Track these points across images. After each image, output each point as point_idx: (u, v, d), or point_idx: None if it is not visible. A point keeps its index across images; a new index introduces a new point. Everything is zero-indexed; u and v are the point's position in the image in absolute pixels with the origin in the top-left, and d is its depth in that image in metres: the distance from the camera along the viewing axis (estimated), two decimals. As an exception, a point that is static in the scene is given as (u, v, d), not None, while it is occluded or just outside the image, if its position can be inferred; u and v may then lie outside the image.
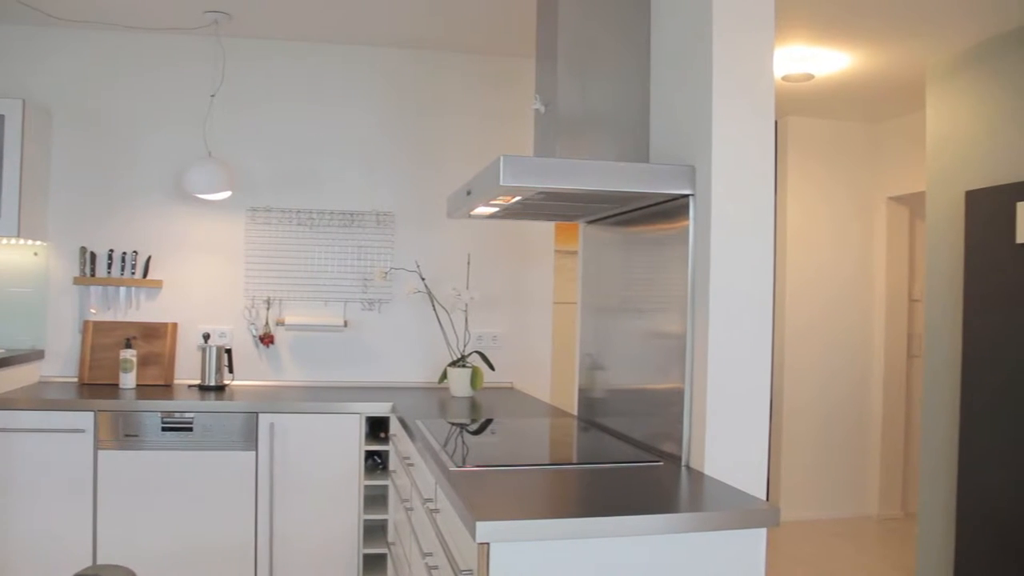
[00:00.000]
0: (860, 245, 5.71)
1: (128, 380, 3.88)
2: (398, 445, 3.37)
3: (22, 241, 3.94)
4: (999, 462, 3.55)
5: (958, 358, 3.87)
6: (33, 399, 3.51)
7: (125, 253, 4.09)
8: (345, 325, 4.25)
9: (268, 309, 4.21)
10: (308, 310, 4.25)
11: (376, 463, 3.84)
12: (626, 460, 2.43)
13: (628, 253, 2.90)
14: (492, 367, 4.10)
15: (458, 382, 3.95)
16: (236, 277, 4.20)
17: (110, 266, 4.07)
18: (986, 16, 3.61)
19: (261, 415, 3.57)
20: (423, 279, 4.16)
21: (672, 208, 2.50)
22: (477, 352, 4.12)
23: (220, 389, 3.96)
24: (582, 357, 3.36)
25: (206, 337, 4.06)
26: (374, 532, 3.76)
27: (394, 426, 3.55)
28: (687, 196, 2.39)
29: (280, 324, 4.20)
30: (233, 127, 4.19)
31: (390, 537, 3.59)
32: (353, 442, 3.63)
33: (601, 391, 3.13)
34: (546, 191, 2.34)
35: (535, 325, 4.49)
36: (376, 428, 3.80)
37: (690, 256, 2.39)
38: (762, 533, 1.91)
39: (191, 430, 3.53)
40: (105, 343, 4.02)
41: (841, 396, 5.66)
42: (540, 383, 4.46)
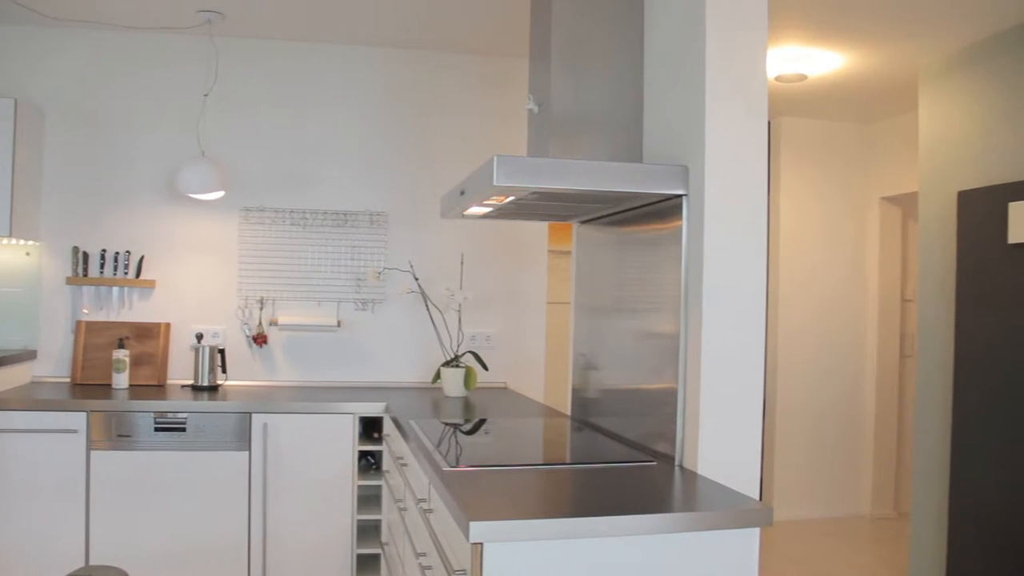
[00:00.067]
0: (853, 245, 5.73)
1: (121, 380, 3.87)
2: (392, 445, 3.37)
3: (14, 241, 3.92)
4: (991, 462, 3.56)
5: (951, 358, 3.88)
6: (25, 399, 3.50)
7: (118, 253, 4.08)
8: (338, 325, 4.24)
9: (261, 309, 4.20)
10: (301, 310, 4.24)
11: (370, 463, 3.84)
12: (619, 460, 2.43)
13: (621, 253, 2.90)
14: (486, 367, 4.10)
15: (452, 382, 3.94)
16: (229, 277, 4.19)
17: (103, 266, 4.06)
18: (979, 17, 3.63)
19: (254, 415, 3.56)
20: (416, 279, 4.16)
21: (665, 208, 2.50)
22: (471, 352, 4.12)
23: (213, 389, 3.95)
24: (575, 357, 3.36)
25: (199, 337, 4.05)
26: (368, 532, 3.76)
27: (387, 426, 3.55)
28: (680, 196, 2.40)
29: (273, 324, 4.19)
30: (226, 127, 4.18)
31: (384, 537, 3.58)
32: (347, 442, 3.63)
33: (594, 391, 3.13)
34: (539, 191, 2.35)
35: (529, 325, 4.49)
36: (370, 428, 3.80)
37: (683, 256, 2.39)
38: (755, 533, 1.91)
39: (184, 430, 3.52)
40: (98, 343, 4.01)
41: (834, 396, 5.68)
42: (534, 383, 4.46)
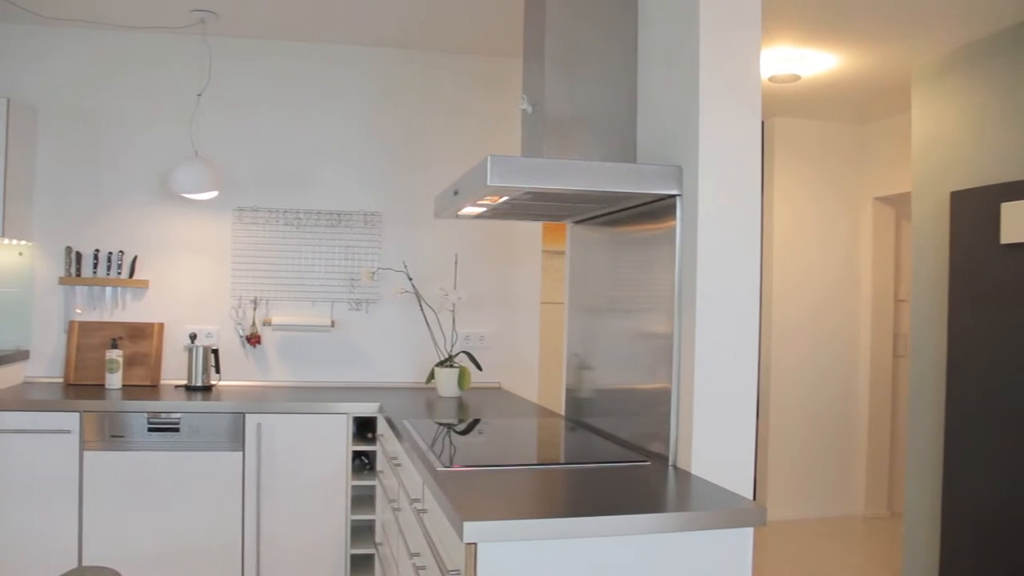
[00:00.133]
0: (846, 245, 5.74)
1: (114, 380, 3.86)
2: (385, 445, 3.36)
3: (7, 241, 3.90)
4: (985, 461, 3.57)
5: (944, 358, 3.89)
6: (18, 400, 3.49)
7: (111, 253, 4.07)
8: (332, 325, 4.24)
9: (255, 309, 4.19)
10: (295, 310, 4.23)
11: (363, 463, 3.84)
12: (613, 460, 2.43)
13: (615, 253, 2.90)
14: (480, 367, 4.10)
15: (445, 382, 3.94)
16: (223, 277, 4.18)
17: (96, 266, 4.05)
18: (972, 18, 3.64)
19: (248, 415, 3.56)
20: (410, 279, 4.16)
21: (659, 208, 2.50)
22: (465, 352, 4.12)
23: (207, 389, 3.94)
24: (569, 357, 3.36)
25: (193, 337, 4.04)
26: (362, 532, 3.76)
27: (381, 426, 3.55)
28: (674, 196, 2.40)
29: (267, 324, 4.18)
30: (220, 127, 4.18)
31: (378, 537, 3.58)
32: (340, 442, 3.62)
33: (588, 391, 3.13)
34: (533, 191, 2.35)
35: (523, 325, 4.49)
36: (363, 428, 3.79)
37: (677, 256, 2.39)
38: (749, 532, 1.91)
39: (177, 431, 3.51)
40: (91, 343, 4.00)
41: (827, 396, 5.69)
42: (528, 383, 4.46)
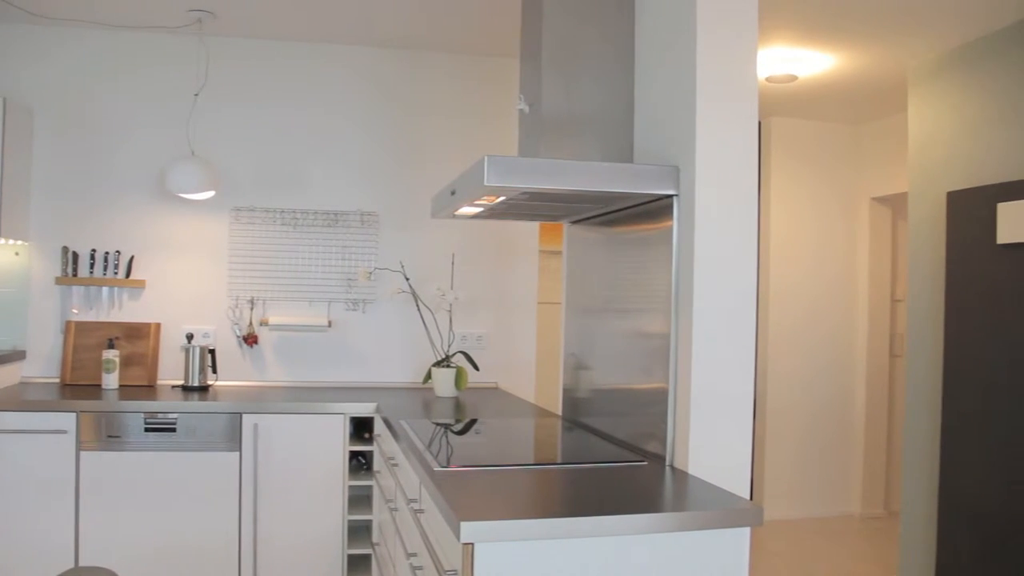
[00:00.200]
0: (843, 245, 5.75)
1: (111, 381, 3.86)
2: (382, 445, 3.36)
3: (3, 241, 3.89)
4: (981, 460, 3.57)
5: (940, 358, 3.89)
6: (14, 400, 3.48)
7: (108, 253, 4.06)
8: (329, 325, 4.23)
9: (252, 309, 4.19)
10: (292, 310, 4.23)
11: (360, 463, 3.84)
12: (610, 460, 2.43)
13: (612, 253, 2.90)
14: (476, 367, 4.09)
15: (442, 382, 3.94)
16: (220, 277, 4.18)
17: (92, 266, 4.04)
18: (968, 19, 3.64)
19: (245, 415, 3.56)
20: (407, 279, 4.16)
21: (656, 208, 2.51)
22: (461, 352, 4.11)
23: (204, 389, 3.94)
24: (566, 357, 3.36)
25: (189, 337, 4.03)
26: (358, 532, 3.76)
27: (378, 426, 3.54)
28: (671, 196, 2.40)
29: (264, 324, 4.18)
30: (217, 126, 4.17)
31: (374, 537, 3.58)
32: (337, 442, 3.62)
33: (585, 391, 3.13)
34: (530, 191, 2.35)
35: (519, 325, 4.49)
36: (360, 428, 3.79)
37: (674, 256, 2.39)
38: (746, 532, 1.91)
39: (174, 431, 3.51)
40: (87, 343, 4.00)
41: (824, 396, 5.69)
42: (524, 383, 4.46)
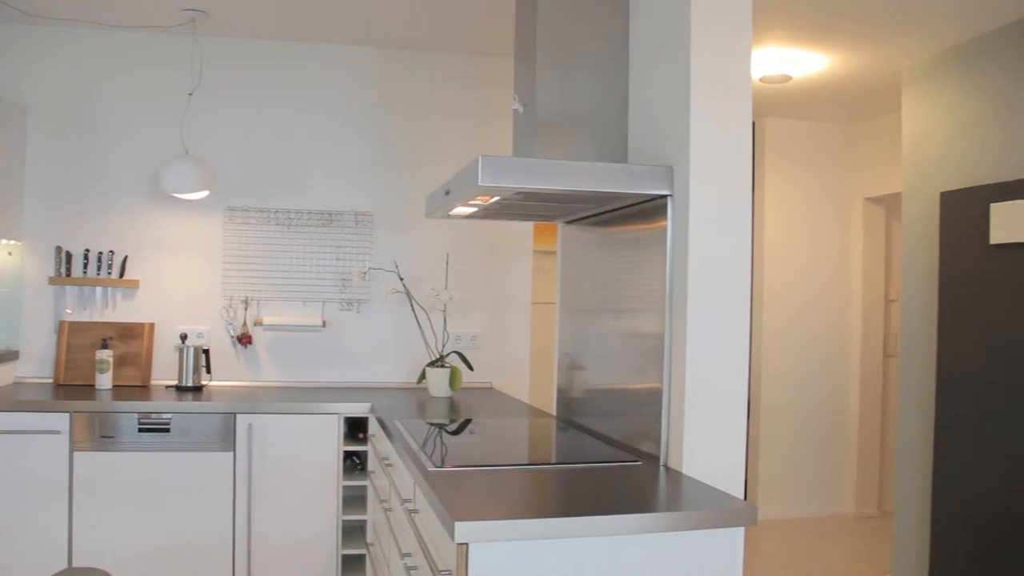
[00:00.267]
0: (837, 245, 5.76)
1: (104, 381, 3.85)
2: (377, 445, 3.36)
3: (-4, 240, 3.90)
4: (975, 460, 3.58)
5: (934, 358, 3.90)
6: (7, 400, 3.47)
7: (101, 253, 4.05)
8: (323, 325, 4.23)
9: (246, 309, 4.18)
10: (286, 310, 4.23)
11: (355, 463, 3.83)
12: (604, 460, 2.43)
13: (606, 253, 2.90)
14: (471, 367, 4.09)
15: (437, 382, 3.94)
16: (214, 277, 4.17)
17: (86, 266, 4.03)
18: (962, 19, 3.65)
19: (239, 416, 3.55)
20: (402, 279, 4.15)
21: (650, 208, 2.51)
22: (456, 352, 4.11)
23: (197, 390, 3.93)
24: (561, 357, 3.36)
25: (183, 337, 4.03)
26: (353, 533, 3.75)
27: (373, 426, 3.54)
28: (665, 196, 2.40)
29: (258, 324, 4.17)
30: (211, 126, 4.16)
31: (369, 538, 3.58)
32: (332, 442, 3.62)
33: (580, 391, 3.13)
34: (524, 191, 2.35)
35: (514, 325, 4.49)
36: (355, 428, 3.79)
37: (668, 256, 2.40)
38: (740, 532, 1.92)
39: (168, 431, 3.50)
40: (81, 343, 3.98)
41: (818, 395, 5.70)
42: (519, 383, 4.46)
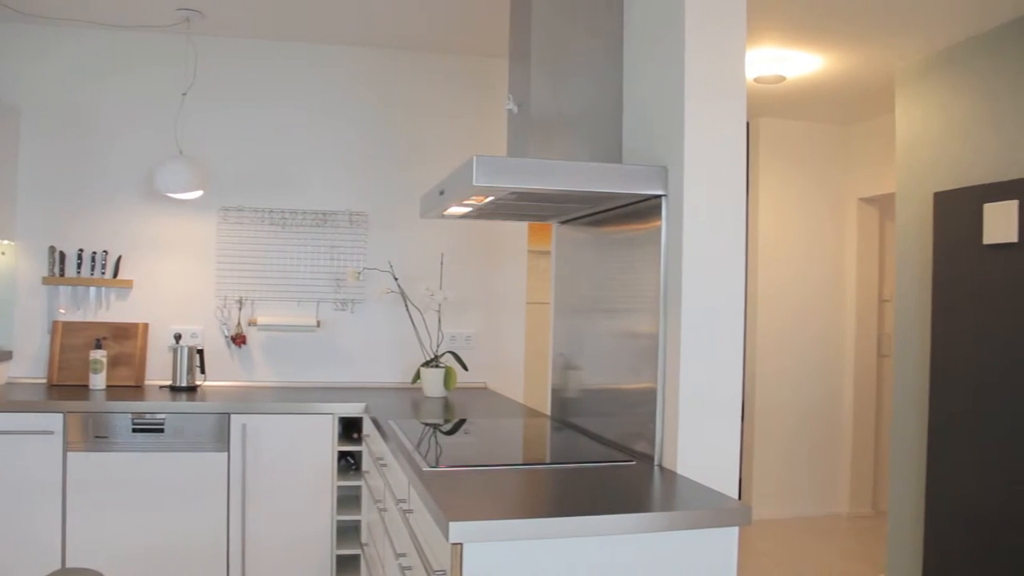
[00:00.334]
0: (831, 246, 5.77)
1: (98, 381, 3.84)
2: (371, 445, 3.36)
3: (-11, 240, 3.88)
4: (968, 460, 3.59)
5: (927, 358, 3.91)
6: (0, 401, 3.46)
7: (95, 253, 4.04)
8: (318, 325, 4.22)
9: (240, 309, 4.18)
10: (280, 310, 4.22)
11: (349, 464, 3.83)
12: (599, 460, 2.44)
13: (601, 253, 2.91)
14: (465, 367, 4.09)
15: (431, 382, 3.94)
16: (208, 277, 4.16)
17: (80, 266, 4.02)
18: (956, 20, 3.66)
19: (233, 416, 3.54)
20: (396, 279, 4.15)
21: (645, 208, 2.51)
22: (450, 352, 4.11)
23: (192, 390, 3.92)
24: (555, 357, 3.36)
25: (177, 337, 4.02)
26: (347, 533, 3.75)
27: (367, 426, 3.54)
28: (659, 197, 2.41)
29: (252, 324, 4.17)
30: (205, 126, 4.16)
31: (363, 538, 3.57)
32: (326, 443, 3.61)
33: (574, 391, 3.13)
34: (519, 191, 2.35)
35: (508, 325, 4.50)
36: (349, 429, 3.78)
37: (662, 256, 2.40)
38: (734, 532, 1.92)
39: (162, 431, 3.49)
40: (74, 344, 3.97)
41: (812, 395, 5.71)
42: (513, 383, 4.46)
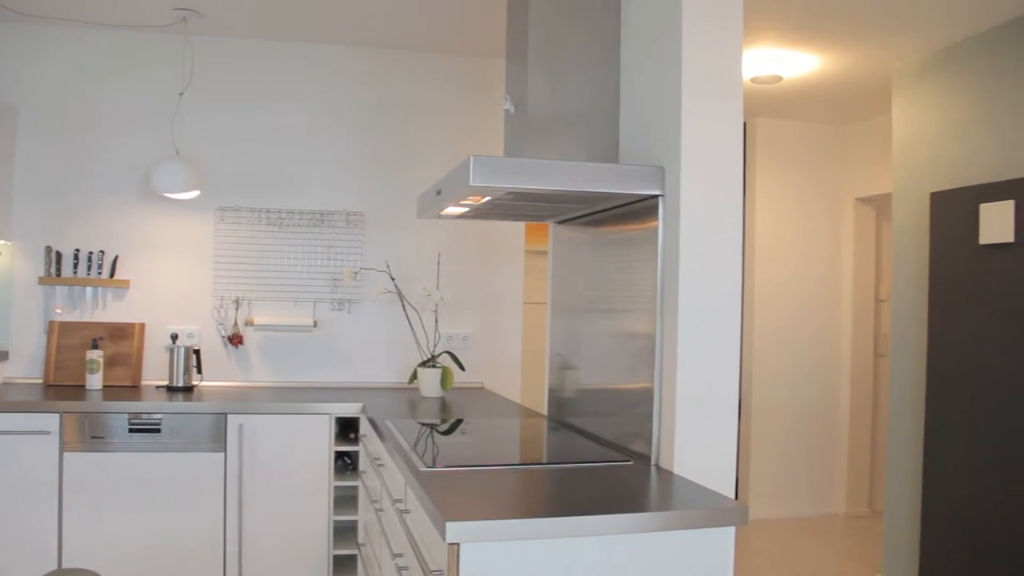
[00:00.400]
0: (828, 246, 5.77)
1: (95, 381, 3.83)
2: (368, 446, 3.36)
3: (-15, 240, 3.88)
4: (964, 460, 3.60)
5: (924, 358, 3.92)
6: (-4, 401, 3.46)
7: (92, 253, 4.04)
8: (315, 325, 4.22)
9: (237, 309, 4.17)
10: (277, 310, 4.22)
11: (346, 464, 3.83)
12: (596, 460, 2.44)
13: (598, 253, 2.91)
14: (462, 367, 4.09)
15: (428, 382, 3.94)
16: (205, 277, 4.16)
17: (76, 266, 4.02)
18: (953, 20, 3.66)
19: (230, 416, 3.54)
20: (393, 279, 4.15)
21: (642, 208, 2.51)
22: (447, 352, 4.11)
23: (188, 390, 3.92)
24: (552, 357, 3.36)
25: (174, 337, 4.01)
26: (344, 533, 3.75)
27: (364, 426, 3.54)
28: (656, 197, 2.41)
29: (249, 324, 4.16)
30: (202, 126, 4.15)
31: (360, 538, 3.57)
32: (323, 443, 3.61)
33: (571, 391, 3.13)
34: (515, 191, 2.35)
35: (505, 325, 4.50)
36: (346, 429, 3.78)
37: (659, 256, 2.40)
38: (731, 531, 1.92)
39: (159, 431, 3.49)
40: (71, 344, 3.97)
41: (809, 395, 5.72)
42: (510, 383, 4.46)
